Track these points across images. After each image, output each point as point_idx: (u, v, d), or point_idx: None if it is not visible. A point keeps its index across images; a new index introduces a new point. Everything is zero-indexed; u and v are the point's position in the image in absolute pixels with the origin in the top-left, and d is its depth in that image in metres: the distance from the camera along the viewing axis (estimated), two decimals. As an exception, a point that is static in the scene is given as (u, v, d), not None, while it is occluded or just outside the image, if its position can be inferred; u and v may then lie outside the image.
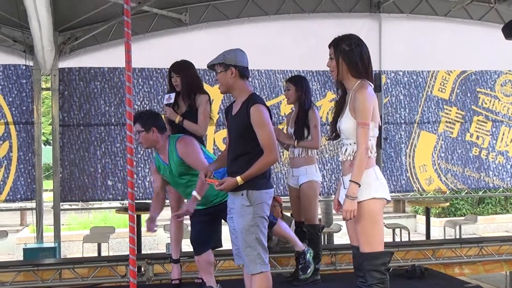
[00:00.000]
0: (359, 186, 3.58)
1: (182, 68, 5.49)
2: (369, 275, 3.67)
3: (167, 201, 5.73)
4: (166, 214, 5.95)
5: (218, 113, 8.06)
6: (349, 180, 3.61)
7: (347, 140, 3.76)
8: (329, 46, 3.88)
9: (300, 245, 5.38)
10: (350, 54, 3.78)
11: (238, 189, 4.10)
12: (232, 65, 4.22)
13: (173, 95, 5.43)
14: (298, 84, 5.70)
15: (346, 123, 3.73)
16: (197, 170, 4.73)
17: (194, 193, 4.63)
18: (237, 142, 4.18)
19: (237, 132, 4.18)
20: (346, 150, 3.76)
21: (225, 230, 4.78)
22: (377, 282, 3.66)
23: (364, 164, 3.62)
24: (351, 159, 3.71)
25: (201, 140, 5.46)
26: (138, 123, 4.90)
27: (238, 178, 4.04)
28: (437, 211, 13.93)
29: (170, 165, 4.97)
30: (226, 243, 5.11)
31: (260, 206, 4.11)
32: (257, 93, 4.64)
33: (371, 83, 3.77)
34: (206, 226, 5.08)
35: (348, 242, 4.06)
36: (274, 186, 6.41)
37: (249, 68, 4.31)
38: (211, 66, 4.33)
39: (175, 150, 4.91)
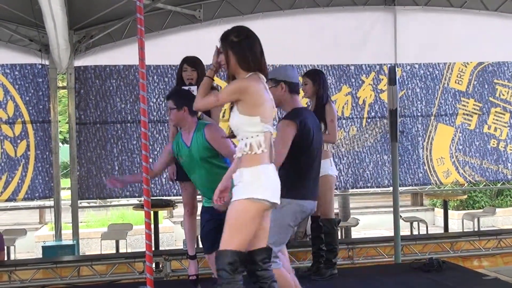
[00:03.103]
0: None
1: (199, 63, 5.51)
2: (218, 274, 3.49)
3: (180, 197, 5.74)
4: (181, 210, 5.94)
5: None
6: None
7: (238, 136, 3.59)
8: (219, 40, 3.75)
9: None
10: (238, 46, 3.62)
11: None
12: (282, 80, 4.32)
13: (194, 88, 5.43)
14: (316, 79, 5.68)
15: (232, 118, 3.59)
16: (222, 157, 4.75)
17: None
18: None
19: None
20: (239, 145, 3.58)
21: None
22: (224, 282, 3.46)
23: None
24: (241, 157, 3.53)
25: None
26: (171, 100, 4.86)
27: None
28: (455, 204, 13.83)
29: (191, 148, 4.92)
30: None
31: (282, 213, 4.15)
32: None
33: (264, 77, 3.64)
34: (215, 224, 5.06)
35: (366, 236, 4.05)
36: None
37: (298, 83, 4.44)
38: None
39: (203, 134, 4.89)
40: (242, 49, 3.61)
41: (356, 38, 8.32)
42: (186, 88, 5.53)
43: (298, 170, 4.27)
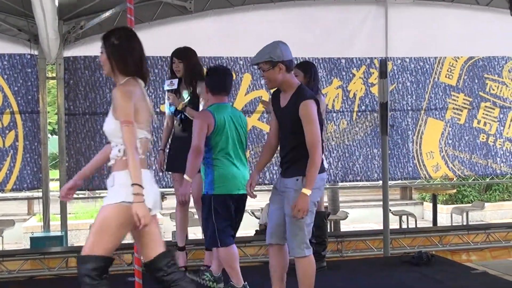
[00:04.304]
0: (142, 187, 3.31)
1: (186, 54, 5.48)
2: (80, 279, 3.40)
3: (171, 189, 5.73)
4: (171, 202, 5.93)
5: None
6: (131, 184, 3.31)
7: (112, 142, 3.54)
8: (101, 39, 3.64)
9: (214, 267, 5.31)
10: (118, 49, 3.53)
11: (292, 174, 4.23)
12: (279, 61, 4.24)
13: (175, 80, 5.42)
14: (307, 70, 5.67)
15: (107, 124, 3.55)
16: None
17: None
18: (289, 136, 4.30)
19: (289, 126, 4.29)
20: (113, 152, 3.51)
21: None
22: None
23: (138, 163, 3.34)
24: (115, 162, 3.47)
25: None
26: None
27: (306, 191, 4.10)
28: (444, 198, 13.90)
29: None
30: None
31: (314, 192, 4.18)
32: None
33: (143, 81, 3.59)
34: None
35: (356, 229, 4.07)
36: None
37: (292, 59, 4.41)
38: (257, 64, 4.35)
39: None
40: (122, 52, 3.52)
41: (347, 32, 8.31)
42: (168, 81, 5.51)
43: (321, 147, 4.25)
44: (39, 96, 7.65)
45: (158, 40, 7.64)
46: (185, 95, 5.49)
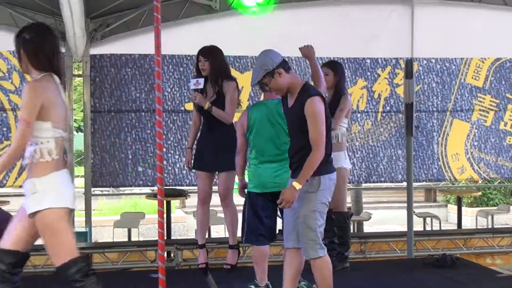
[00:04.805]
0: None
1: (211, 53, 5.47)
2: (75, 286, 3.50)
3: (195, 187, 5.74)
4: (194, 201, 5.95)
5: (248, 100, 8.05)
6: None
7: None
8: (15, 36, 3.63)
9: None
10: (30, 44, 3.52)
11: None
12: (275, 68, 4.23)
13: (201, 80, 5.42)
14: (337, 69, 5.66)
15: None
16: None
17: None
18: (297, 135, 4.28)
19: (295, 126, 4.27)
20: (29, 150, 3.47)
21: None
22: None
23: (10, 162, 3.40)
24: (31, 164, 3.46)
25: (232, 126, 5.46)
26: None
27: (296, 184, 4.08)
28: (469, 201, 13.77)
29: None
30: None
31: (323, 192, 4.21)
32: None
33: (59, 78, 3.57)
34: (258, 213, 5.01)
35: (379, 230, 4.05)
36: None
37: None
38: (258, 84, 4.36)
39: None
40: (34, 48, 3.50)
41: (372, 31, 8.24)
42: (193, 80, 5.52)
43: (327, 147, 4.21)
44: (65, 93, 7.70)
45: (183, 39, 7.68)
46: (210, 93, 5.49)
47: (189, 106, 5.88)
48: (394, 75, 8.41)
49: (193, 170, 6.15)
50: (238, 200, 5.36)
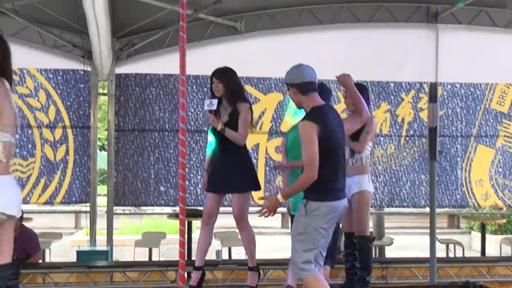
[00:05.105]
0: None
1: (225, 74, 5.45)
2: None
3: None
4: (216, 222, 5.89)
5: (270, 122, 8.07)
6: None
7: None
8: None
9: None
10: None
11: (304, 196, 4.27)
12: (290, 84, 4.34)
13: (215, 101, 5.40)
14: (361, 92, 5.63)
15: None
16: None
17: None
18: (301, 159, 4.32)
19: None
20: None
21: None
22: None
23: None
24: None
25: (244, 148, 5.47)
26: None
27: (279, 197, 4.23)
28: (493, 228, 13.56)
29: None
30: (276, 253, 5.09)
31: (315, 218, 4.21)
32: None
33: (8, 82, 3.56)
34: None
35: (400, 256, 4.00)
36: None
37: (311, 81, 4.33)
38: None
39: None
40: None
41: (396, 55, 8.24)
42: (207, 101, 5.51)
43: (324, 173, 4.19)
44: (90, 111, 7.81)
45: (208, 59, 7.71)
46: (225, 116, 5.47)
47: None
48: (418, 99, 8.37)
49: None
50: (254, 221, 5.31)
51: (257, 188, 5.60)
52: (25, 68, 7.71)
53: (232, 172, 5.36)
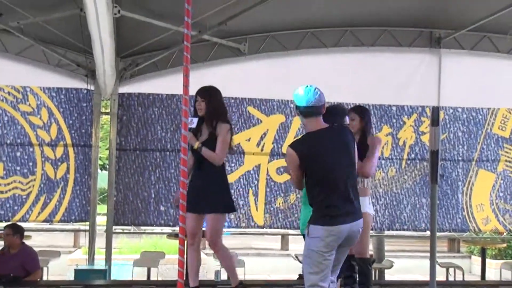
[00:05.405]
0: None
1: (209, 93, 5.44)
2: None
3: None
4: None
5: (272, 143, 8.08)
6: None
7: None
8: None
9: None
10: None
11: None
12: (295, 105, 4.42)
13: (195, 119, 5.40)
14: (364, 115, 5.64)
15: None
16: None
17: None
18: None
19: None
20: None
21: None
22: None
23: None
24: None
25: (222, 168, 5.45)
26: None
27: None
28: (493, 253, 13.51)
29: None
30: (275, 274, 5.07)
31: (314, 240, 4.22)
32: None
33: None
34: None
35: (400, 279, 3.99)
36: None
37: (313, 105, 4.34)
38: None
39: None
40: None
41: (399, 79, 8.27)
42: (189, 119, 5.50)
43: (318, 198, 4.25)
44: (92, 130, 7.83)
45: (211, 81, 7.60)
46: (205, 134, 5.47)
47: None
48: (420, 122, 8.38)
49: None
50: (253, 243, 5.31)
51: (230, 210, 5.61)
52: (28, 86, 7.76)
53: (206, 192, 5.32)
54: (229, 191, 5.58)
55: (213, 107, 5.39)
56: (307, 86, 4.41)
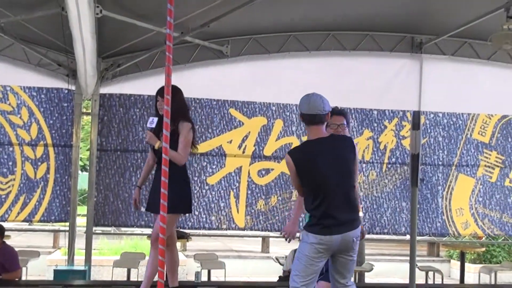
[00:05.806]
0: None
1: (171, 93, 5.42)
2: None
3: (197, 230, 5.70)
4: (196, 244, 5.89)
5: (254, 146, 8.08)
6: None
7: None
8: None
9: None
10: None
11: None
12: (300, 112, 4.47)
13: (155, 119, 5.38)
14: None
15: None
16: None
17: None
18: None
19: None
20: None
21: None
22: None
23: None
24: None
25: (184, 168, 5.41)
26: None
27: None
28: (472, 257, 13.61)
29: None
30: (255, 276, 5.07)
31: (302, 244, 4.34)
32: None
33: None
34: None
35: (380, 282, 4.01)
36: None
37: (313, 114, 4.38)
38: None
39: None
40: None
41: (380, 84, 8.31)
42: (150, 119, 5.48)
43: (314, 206, 4.29)
44: (73, 130, 7.78)
45: (193, 83, 7.74)
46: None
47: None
48: (401, 127, 8.44)
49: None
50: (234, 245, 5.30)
51: (186, 211, 5.60)
52: (8, 85, 7.69)
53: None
54: (186, 191, 5.47)
55: (175, 106, 5.35)
56: (312, 94, 4.45)
